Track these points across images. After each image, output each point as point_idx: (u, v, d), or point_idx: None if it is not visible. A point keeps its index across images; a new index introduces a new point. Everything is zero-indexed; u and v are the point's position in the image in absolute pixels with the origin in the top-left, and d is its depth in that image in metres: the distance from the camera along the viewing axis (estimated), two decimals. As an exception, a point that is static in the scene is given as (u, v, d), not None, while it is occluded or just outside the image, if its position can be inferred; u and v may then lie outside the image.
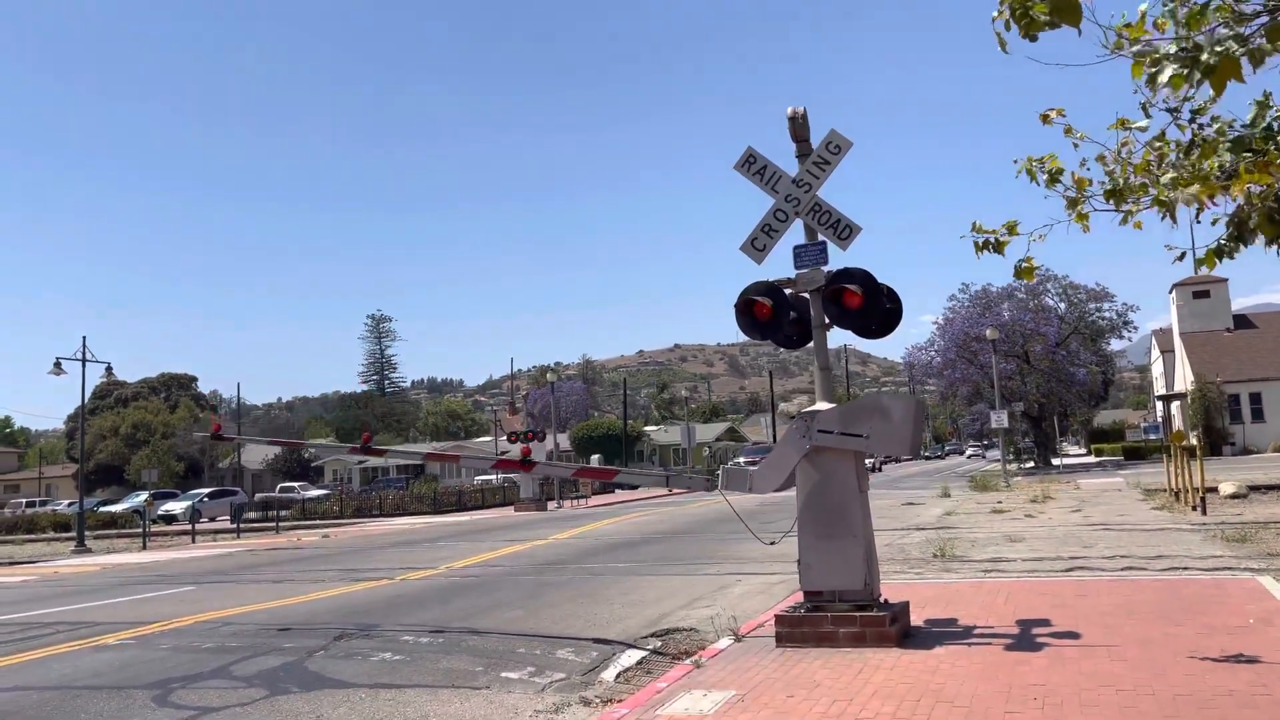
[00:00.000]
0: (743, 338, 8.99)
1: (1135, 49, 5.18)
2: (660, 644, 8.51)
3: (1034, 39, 4.33)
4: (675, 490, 47.13)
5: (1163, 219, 5.78)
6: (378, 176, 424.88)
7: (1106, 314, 53.20)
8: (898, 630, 7.45)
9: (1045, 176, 6.11)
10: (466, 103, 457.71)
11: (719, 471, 8.41)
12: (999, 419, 35.27)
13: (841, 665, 6.79)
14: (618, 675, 7.53)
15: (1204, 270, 5.82)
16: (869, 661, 6.85)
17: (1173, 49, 4.98)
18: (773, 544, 8.80)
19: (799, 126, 8.22)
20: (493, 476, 59.85)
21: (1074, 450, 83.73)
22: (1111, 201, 6.09)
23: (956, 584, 10.48)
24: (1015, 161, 6.15)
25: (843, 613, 7.46)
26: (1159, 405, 67.14)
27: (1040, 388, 51.22)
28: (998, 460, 58.88)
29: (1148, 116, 5.87)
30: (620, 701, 6.53)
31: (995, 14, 4.55)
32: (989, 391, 51.13)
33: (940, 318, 53.44)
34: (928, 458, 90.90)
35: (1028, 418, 52.60)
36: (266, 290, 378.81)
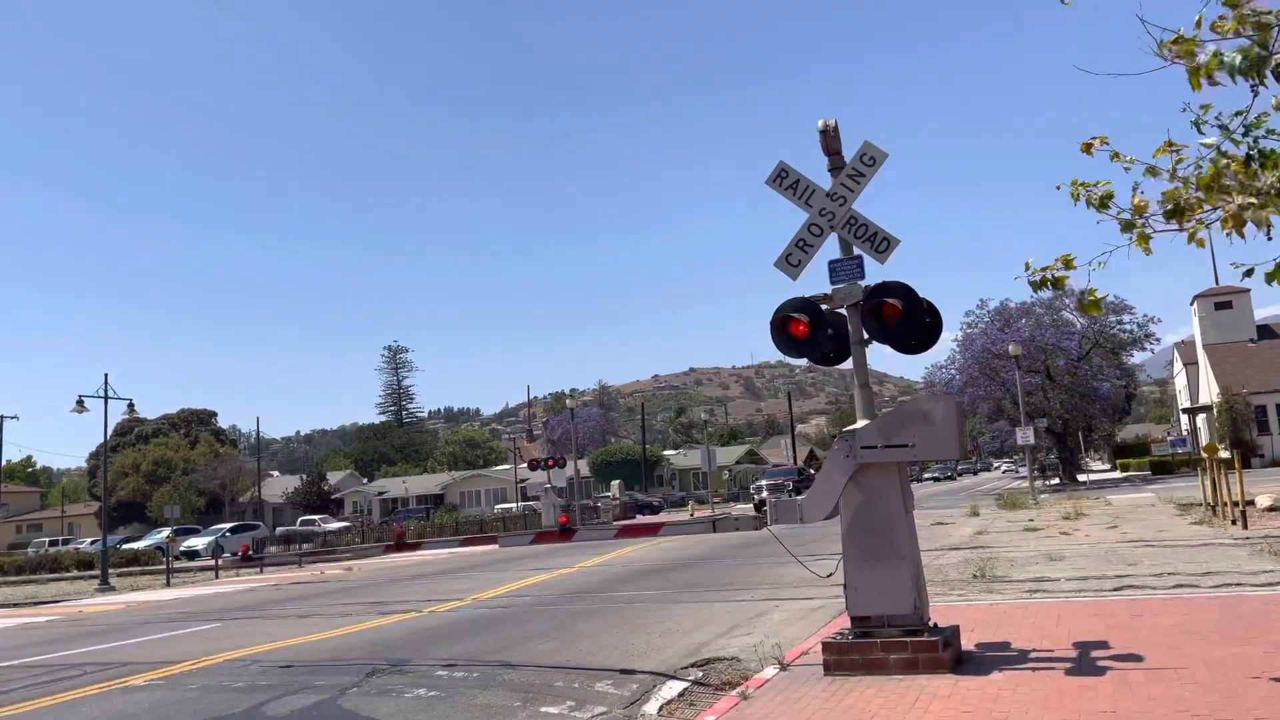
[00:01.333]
0: (758, 359, 8.89)
1: (1194, 60, 4.97)
2: (702, 674, 8.25)
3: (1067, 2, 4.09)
4: (696, 515, 46.78)
5: (1228, 235, 5.55)
6: (393, 209, 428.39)
7: (1127, 327, 52.67)
8: (951, 655, 7.18)
9: (1095, 202, 5.88)
10: (481, 135, 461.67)
11: (766, 506, 8.17)
12: (1025, 436, 34.80)
13: (896, 694, 6.52)
14: (660, 708, 7.28)
15: (1275, 285, 5.58)
16: (924, 689, 6.58)
17: (1238, 59, 4.77)
18: (829, 576, 8.48)
19: (830, 139, 8.06)
20: (514, 505, 59.64)
21: (1098, 466, 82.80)
22: (1174, 221, 5.85)
23: (1002, 605, 10.18)
24: (1059, 188, 5.93)
25: (893, 638, 7.20)
26: (1184, 418, 66.38)
27: (1063, 403, 50.69)
28: (1024, 477, 58.29)
29: (1201, 133, 5.66)
30: (668, 736, 6.29)
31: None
32: (1010, 408, 50.66)
33: (959, 335, 53.13)
34: (949, 477, 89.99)
35: (1051, 434, 51.99)
36: (283, 324, 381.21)
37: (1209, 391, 54.99)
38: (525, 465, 58.79)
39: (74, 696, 9.25)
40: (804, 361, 9.02)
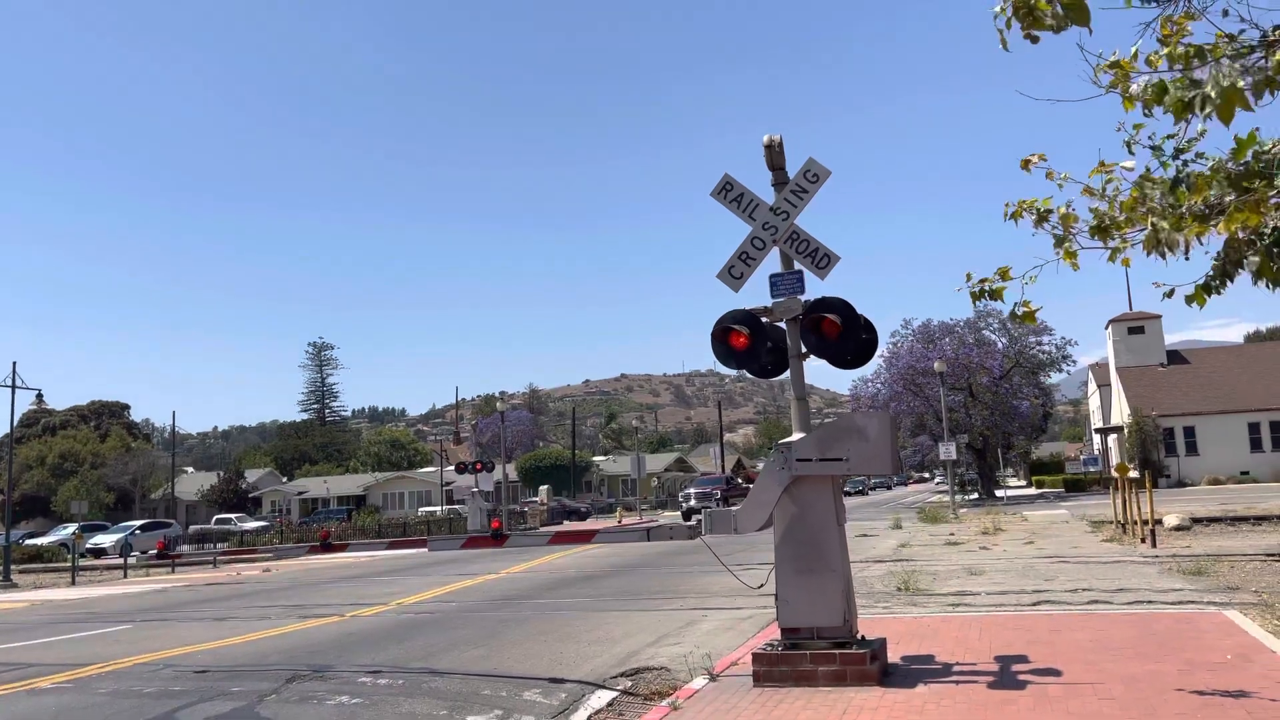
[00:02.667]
0: (689, 367, 8.95)
1: (1133, 86, 5.14)
2: (631, 684, 8.22)
3: (1035, 40, 4.22)
4: (625, 523, 46.73)
5: (1149, 255, 5.74)
6: (321, 203, 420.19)
7: (1046, 348, 54.32)
8: (878, 668, 7.27)
9: (1034, 216, 6.05)
10: (415, 126, 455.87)
11: (695, 515, 8.19)
12: (947, 451, 35.60)
13: (824, 706, 6.58)
14: (589, 718, 7.23)
15: (1194, 306, 5.79)
16: (852, 702, 6.65)
17: (1168, 79, 4.96)
18: (760, 587, 8.51)
19: (775, 154, 8.13)
20: (438, 508, 58.85)
21: (1015, 482, 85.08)
22: (1098, 238, 6.05)
23: (926, 618, 10.36)
24: (1007, 205, 6.08)
25: (822, 650, 7.27)
26: (1097, 438, 68.65)
27: (984, 420, 52.01)
28: (943, 491, 59.52)
29: (1131, 154, 5.86)
30: (597, 747, 6.25)
31: (997, 9, 4.44)
32: (932, 423, 51.78)
33: (885, 351, 54.14)
34: (869, 490, 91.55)
35: (971, 449, 53.30)
36: (203, 316, 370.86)
37: (1121, 413, 56.99)
38: (452, 468, 58.13)
39: (-27, 700, 8.82)
40: (738, 372, 9.06)
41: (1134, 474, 21.09)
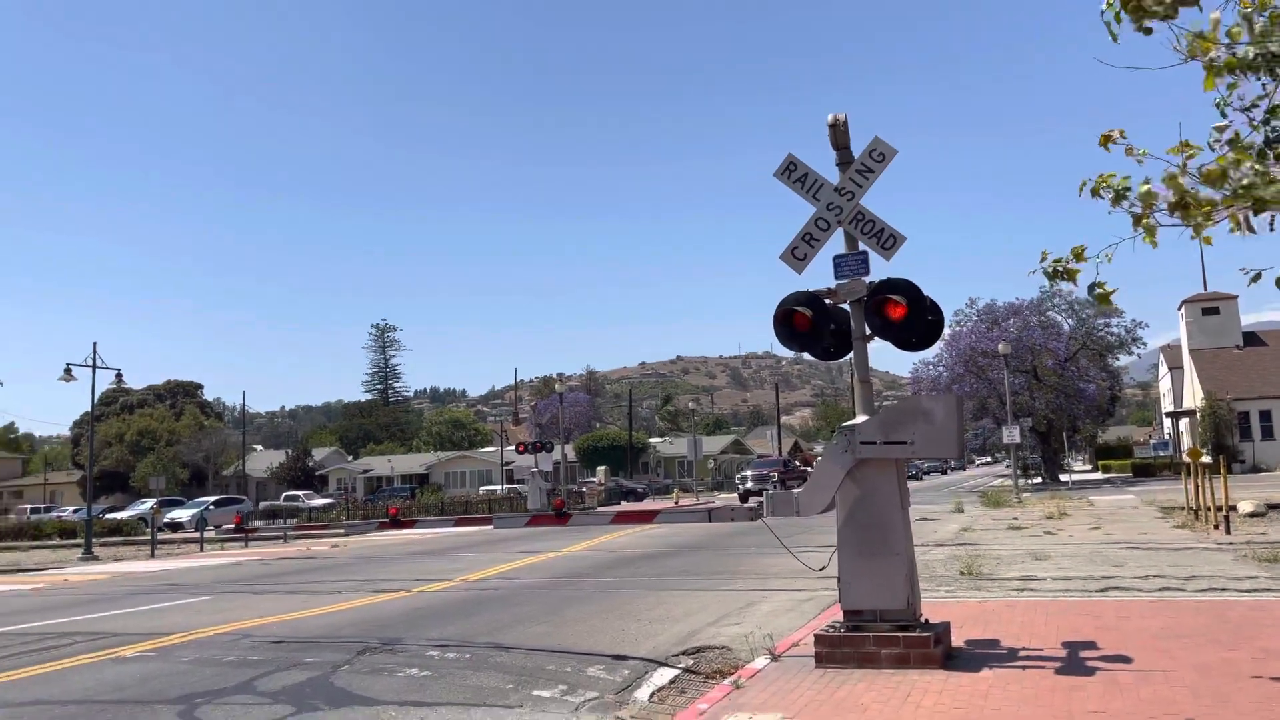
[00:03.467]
0: (745, 349, 8.88)
1: (1209, 57, 5.02)
2: (693, 662, 8.32)
3: (1148, 31, 4.13)
4: (681, 504, 46.92)
5: (1231, 231, 5.59)
6: (385, 186, 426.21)
7: (1115, 329, 53.01)
8: (941, 652, 7.26)
9: (1112, 194, 5.92)
10: (475, 115, 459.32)
11: (752, 497, 8.25)
12: (1011, 434, 35.03)
13: (887, 688, 6.59)
14: (652, 695, 7.33)
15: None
16: (915, 685, 6.65)
17: (1251, 52, 4.83)
18: (822, 569, 8.54)
19: (840, 134, 8.08)
20: (498, 487, 59.68)
21: (1080, 466, 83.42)
22: (1177, 214, 5.90)
23: (990, 603, 10.28)
24: (1085, 181, 5.95)
25: (885, 633, 7.27)
26: (1167, 422, 66.93)
27: (1049, 403, 51.02)
28: (1004, 475, 58.62)
29: (1223, 115, 5.69)
30: (662, 723, 6.35)
31: (1105, 5, 4.38)
32: (995, 407, 50.97)
33: (947, 332, 53.31)
34: (942, 471, 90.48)
35: (1036, 433, 52.38)
36: (272, 298, 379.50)
37: (1193, 396, 55.42)
38: (511, 448, 58.83)
39: (66, 665, 9.25)
40: (798, 354, 9.05)
41: (1207, 459, 20.58)
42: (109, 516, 46.92)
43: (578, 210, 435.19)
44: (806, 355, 8.79)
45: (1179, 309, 59.32)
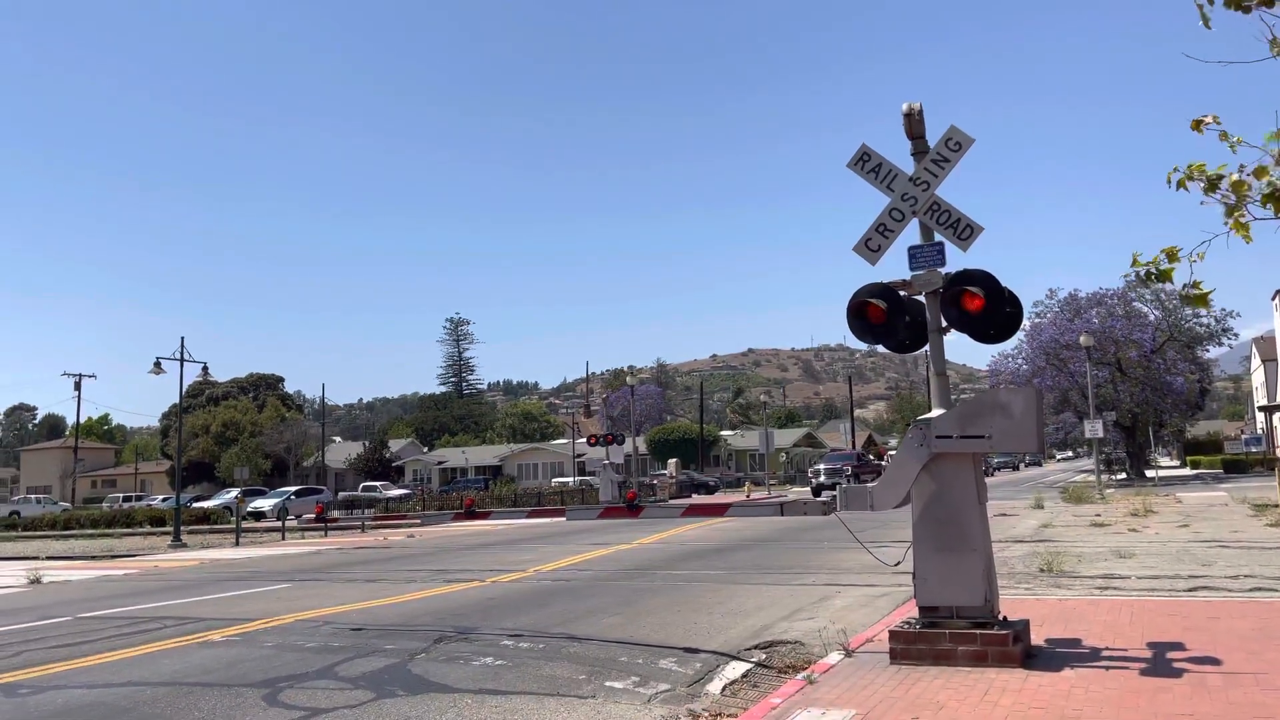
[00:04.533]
0: (818, 342, 8.84)
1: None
2: (765, 656, 8.28)
3: (1246, 10, 3.96)
4: (753, 497, 46.71)
5: None
6: (458, 182, 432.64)
7: (1204, 320, 51.04)
8: (1020, 650, 7.10)
9: (1203, 183, 5.67)
10: (554, 113, 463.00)
11: (824, 490, 8.17)
12: (1094, 429, 34.04)
13: (964, 686, 6.48)
14: (724, 688, 7.33)
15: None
16: (994, 683, 6.52)
17: None
18: (897, 565, 8.44)
19: (915, 123, 7.93)
20: (570, 479, 60.18)
21: (1167, 462, 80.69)
22: (1270, 206, 5.65)
23: (1071, 601, 10.02)
24: (1174, 170, 5.72)
25: (962, 630, 7.14)
26: (1260, 416, 64.34)
27: (1134, 396, 49.43)
28: (1086, 471, 57.06)
29: None
30: (733, 717, 6.34)
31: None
32: (1077, 400, 49.57)
33: (1027, 324, 52.03)
34: (1014, 467, 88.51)
35: (1120, 427, 50.80)
36: (350, 293, 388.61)
37: (1288, 389, 53.19)
38: (583, 440, 59.26)
39: (155, 649, 9.61)
40: (871, 346, 8.91)
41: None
42: (196, 505, 48.60)
43: (649, 205, 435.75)
44: (880, 348, 8.66)
45: (1273, 299, 56.98)
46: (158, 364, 32.00)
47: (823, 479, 44.39)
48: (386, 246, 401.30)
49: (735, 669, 7.88)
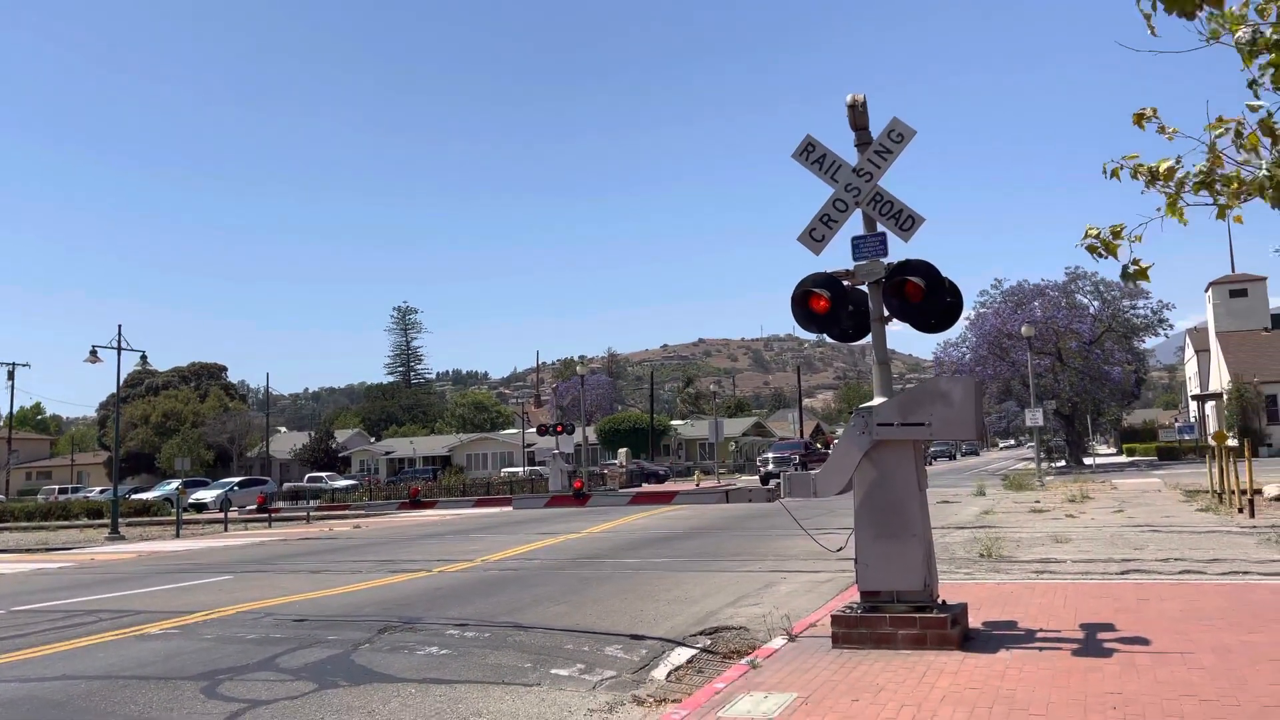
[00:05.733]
0: (768, 332, 8.86)
1: (1239, 34, 4.94)
2: (710, 642, 8.35)
3: (1190, 16, 4.05)
4: (703, 486, 46.98)
5: (1275, 207, 5.52)
6: (406, 168, 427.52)
7: (1141, 311, 52.41)
8: (958, 633, 7.25)
9: (1146, 177, 5.84)
10: (497, 98, 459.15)
11: (773, 479, 8.24)
12: (1034, 417, 34.79)
13: (904, 669, 6.60)
14: (669, 674, 7.38)
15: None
16: (932, 665, 6.65)
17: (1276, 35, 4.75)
18: (839, 550, 8.54)
19: (859, 115, 8.01)
20: (520, 469, 59.97)
21: (1104, 449, 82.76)
22: (1203, 192, 5.83)
23: (1008, 585, 10.25)
24: (1109, 163, 5.88)
25: (901, 614, 7.27)
26: (1193, 405, 66.22)
27: (1073, 386, 50.61)
28: (1028, 458, 58.30)
29: (1256, 95, 5.61)
30: (677, 702, 6.38)
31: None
32: (1019, 389, 50.64)
33: (971, 314, 52.96)
34: (950, 456, 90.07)
35: (1060, 416, 51.99)
36: (294, 281, 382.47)
37: (1219, 379, 54.82)
38: (533, 430, 59.07)
39: (90, 642, 9.40)
40: (818, 336, 9.01)
41: (1232, 442, 20.36)
42: (135, 497, 47.53)
43: (599, 193, 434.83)
44: (828, 338, 8.76)
45: (1206, 291, 58.66)
46: (94, 352, 31.22)
47: (771, 467, 44.81)
48: (336, 232, 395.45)
49: (680, 655, 7.94)
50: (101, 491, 57.43)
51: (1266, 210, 5.67)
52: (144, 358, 35.39)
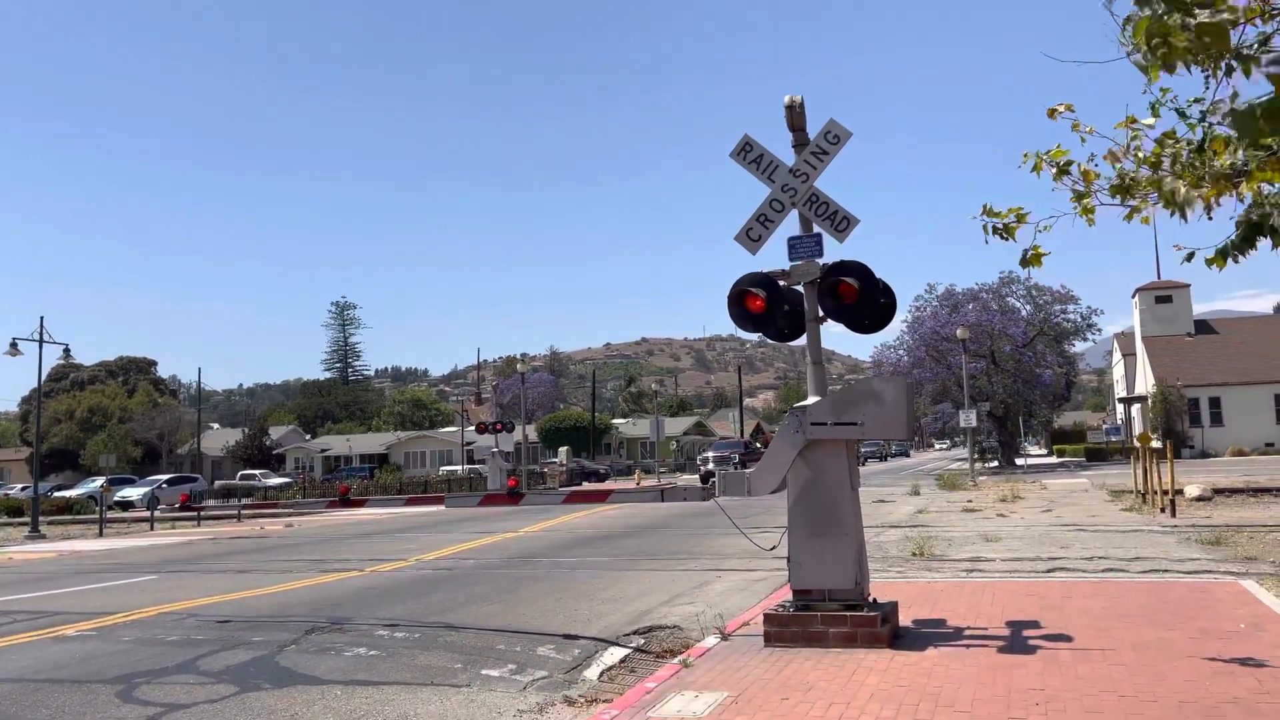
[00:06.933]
0: (710, 331, 8.87)
1: (1147, 49, 5.05)
2: (644, 642, 8.32)
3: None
4: (643, 485, 47.01)
5: (1172, 215, 5.67)
6: (346, 162, 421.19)
7: (1071, 316, 53.72)
8: (888, 631, 7.32)
9: (1054, 169, 5.98)
10: (436, 86, 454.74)
11: (713, 477, 8.22)
12: (968, 418, 35.46)
13: (834, 666, 6.64)
14: (601, 674, 7.33)
15: (1214, 269, 5.72)
16: (862, 663, 6.70)
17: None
18: (773, 549, 8.57)
19: (796, 115, 8.04)
20: (459, 467, 59.40)
21: (1036, 450, 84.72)
22: (1118, 197, 5.98)
23: (939, 583, 10.39)
24: (1026, 156, 6.00)
25: (833, 612, 7.31)
26: (1120, 407, 68.16)
27: (1006, 388, 51.68)
28: (962, 459, 59.45)
29: (1156, 116, 5.76)
30: (608, 702, 6.33)
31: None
32: (955, 391, 51.53)
33: (908, 316, 53.82)
34: (881, 457, 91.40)
35: (993, 417, 53.03)
36: (228, 273, 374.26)
37: (1145, 382, 56.49)
38: (473, 428, 58.54)
39: (3, 644, 9.04)
40: (758, 336, 9.03)
41: (1156, 444, 20.97)
42: (57, 495, 46.03)
43: (545, 191, 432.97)
44: (765, 338, 8.78)
45: (1133, 297, 60.37)
46: (14, 345, 30.15)
47: (711, 466, 44.96)
48: (272, 224, 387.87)
49: (613, 655, 7.89)
50: (23, 489, 55.50)
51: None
52: (67, 351, 34.45)
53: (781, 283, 7.96)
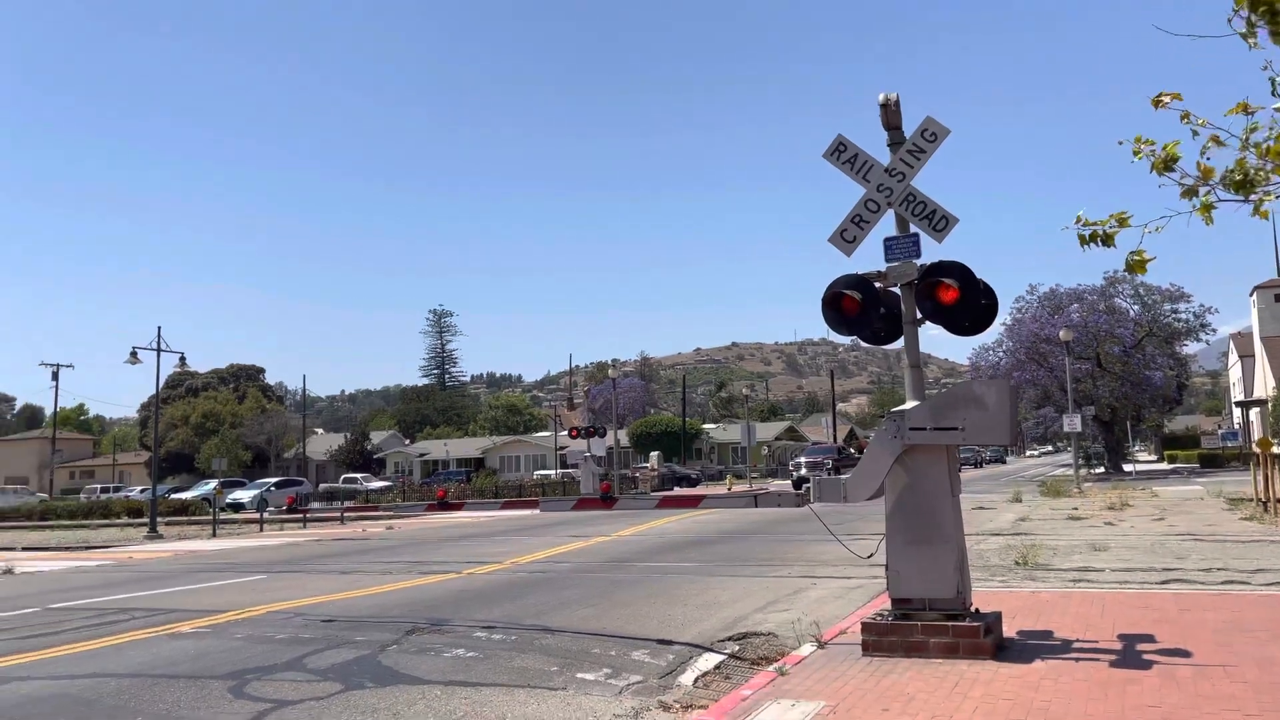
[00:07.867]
0: (801, 336, 8.75)
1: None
2: (738, 648, 8.25)
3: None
4: (735, 490, 46.76)
5: None
6: (442, 172, 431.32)
7: (1183, 316, 51.44)
8: (992, 642, 7.10)
9: (1157, 162, 5.63)
10: (534, 100, 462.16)
11: (806, 483, 8.11)
12: (1072, 423, 34.23)
13: (935, 678, 6.46)
14: (696, 680, 7.29)
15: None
16: (964, 675, 6.51)
17: None
18: (870, 556, 8.42)
19: (891, 114, 7.89)
20: (552, 472, 60.06)
21: (1145, 456, 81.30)
22: (1240, 192, 5.62)
23: (1044, 593, 10.04)
24: (1121, 143, 5.67)
25: (934, 622, 7.13)
26: (1237, 411, 64.94)
27: (1113, 391, 49.76)
28: (1065, 465, 57.43)
29: (1276, 94, 5.41)
30: (704, 709, 6.29)
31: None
32: (1057, 395, 49.86)
33: (1008, 318, 52.31)
34: (976, 464, 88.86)
35: (1099, 422, 51.13)
36: (333, 284, 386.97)
37: (1265, 385, 53.68)
38: (565, 433, 59.18)
39: (122, 640, 9.49)
40: (852, 339, 8.87)
41: (1278, 449, 19.86)
42: (174, 497, 48.17)
43: (635, 197, 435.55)
44: (860, 340, 8.63)
45: (1251, 295, 57.52)
46: (134, 354, 31.70)
47: (803, 472, 44.46)
48: (372, 236, 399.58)
49: (708, 660, 7.84)
50: (142, 491, 58.31)
51: None
52: (183, 359, 35.82)
53: (877, 284, 7.81)
